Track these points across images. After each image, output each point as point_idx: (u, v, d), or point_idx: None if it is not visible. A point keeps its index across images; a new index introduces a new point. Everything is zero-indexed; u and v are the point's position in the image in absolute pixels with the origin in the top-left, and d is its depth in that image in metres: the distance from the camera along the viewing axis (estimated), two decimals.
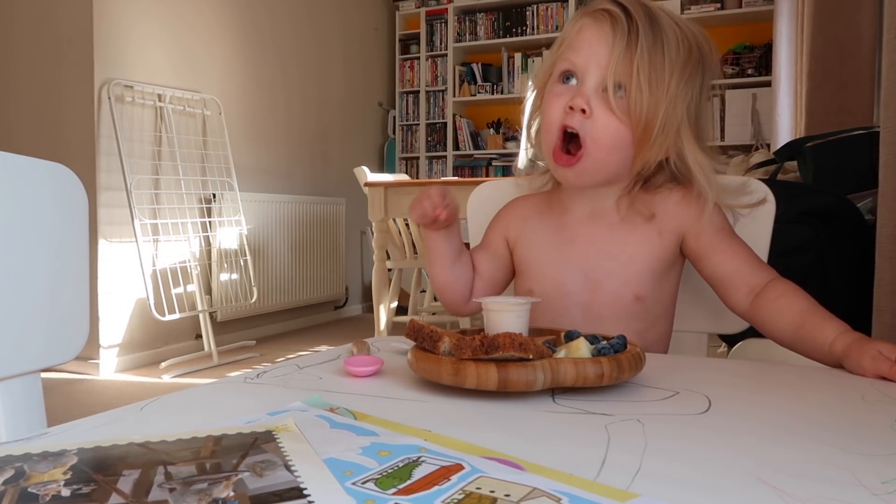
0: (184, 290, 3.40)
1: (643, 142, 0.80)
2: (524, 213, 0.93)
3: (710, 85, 0.85)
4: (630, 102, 0.78)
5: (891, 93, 1.19)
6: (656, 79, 0.78)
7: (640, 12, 0.79)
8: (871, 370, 0.65)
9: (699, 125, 0.84)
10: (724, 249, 0.82)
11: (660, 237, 0.84)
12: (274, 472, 0.38)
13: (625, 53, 0.78)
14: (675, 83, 0.79)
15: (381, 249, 2.99)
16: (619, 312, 0.84)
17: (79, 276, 0.73)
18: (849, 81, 2.65)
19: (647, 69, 0.77)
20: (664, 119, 0.79)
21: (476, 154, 5.25)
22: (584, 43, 0.81)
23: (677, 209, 0.84)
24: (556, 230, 0.88)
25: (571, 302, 0.85)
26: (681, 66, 0.79)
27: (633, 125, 0.79)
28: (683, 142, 0.82)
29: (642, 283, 0.84)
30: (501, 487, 0.36)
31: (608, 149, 0.80)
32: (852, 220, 1.52)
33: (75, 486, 0.36)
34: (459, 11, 5.25)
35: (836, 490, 0.37)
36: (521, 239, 0.91)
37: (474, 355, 0.55)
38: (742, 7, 4.37)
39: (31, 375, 0.68)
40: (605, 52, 0.79)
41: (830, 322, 0.73)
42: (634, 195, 0.85)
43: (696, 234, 0.83)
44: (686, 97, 0.81)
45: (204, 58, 3.67)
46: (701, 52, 0.82)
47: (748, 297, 0.80)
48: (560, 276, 0.86)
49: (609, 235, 0.85)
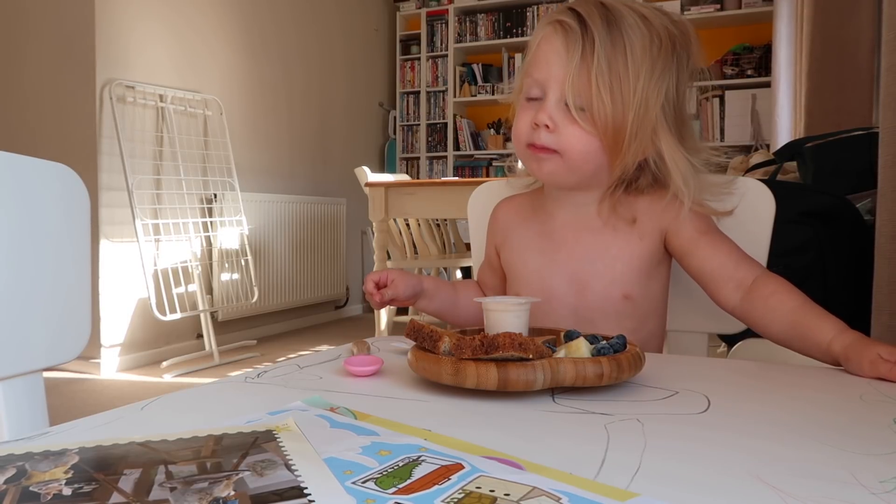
0: (185, 289, 3.40)
1: (616, 148, 0.78)
2: (508, 219, 0.93)
3: (690, 72, 0.82)
4: (594, 115, 0.77)
5: (890, 93, 1.19)
6: (619, 88, 0.76)
7: (596, 19, 0.76)
8: (871, 373, 0.65)
9: (679, 117, 0.82)
10: (706, 245, 0.81)
11: (641, 240, 0.83)
12: (274, 472, 0.38)
13: (580, 68, 0.76)
14: (644, 86, 0.77)
15: (382, 249, 2.99)
16: (608, 312, 0.84)
17: (80, 275, 0.73)
18: (848, 82, 2.65)
19: (606, 80, 0.75)
20: (635, 124, 0.77)
21: (476, 154, 5.25)
22: (542, 58, 0.80)
23: (657, 210, 0.83)
24: (541, 236, 0.88)
25: (560, 305, 0.85)
26: (649, 66, 0.77)
27: (600, 135, 0.78)
28: (661, 141, 0.80)
29: (629, 282, 0.83)
30: (501, 487, 0.36)
31: (578, 156, 0.79)
32: (852, 221, 1.52)
33: (76, 485, 0.37)
34: (460, 12, 5.25)
35: (834, 489, 0.37)
36: (507, 244, 0.91)
37: (474, 355, 0.55)
38: (741, 8, 4.37)
39: (33, 375, 0.69)
40: (561, 68, 0.77)
41: (826, 320, 0.72)
42: (616, 199, 0.84)
43: (676, 233, 0.82)
44: (659, 94, 0.78)
45: (205, 58, 3.67)
46: (673, 41, 0.79)
47: (737, 292, 0.79)
48: (547, 281, 0.86)
49: (593, 239, 0.85)
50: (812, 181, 1.89)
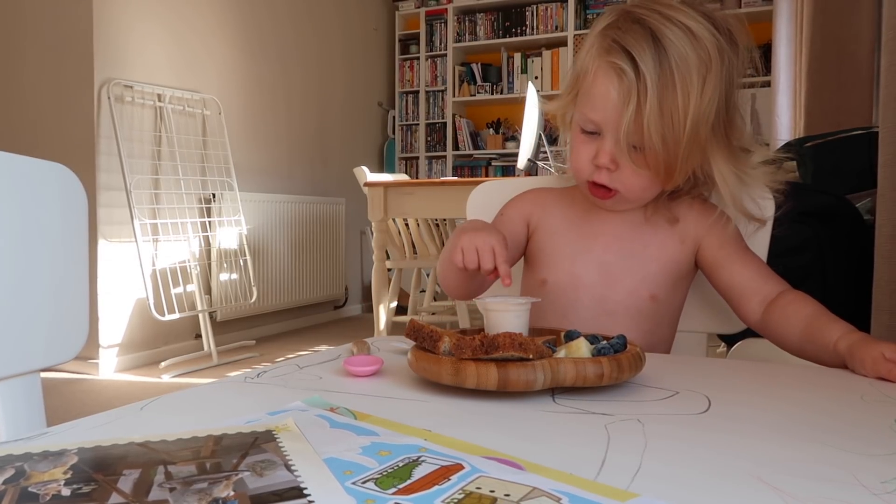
0: (183, 289, 3.39)
1: (669, 174, 0.80)
2: (547, 201, 0.93)
3: (739, 75, 0.81)
4: (646, 156, 0.79)
5: (890, 93, 1.19)
6: (670, 125, 0.76)
7: (647, 57, 0.75)
8: (872, 372, 0.65)
9: (730, 122, 0.82)
10: (739, 260, 0.83)
11: (682, 244, 0.85)
12: (274, 472, 0.38)
13: (636, 116, 0.76)
14: (694, 112, 0.76)
15: (381, 249, 2.99)
16: (631, 310, 0.85)
17: (78, 275, 0.73)
18: (848, 82, 2.65)
19: (658, 123, 0.76)
20: (686, 150, 0.78)
21: (476, 154, 5.25)
22: (598, 99, 0.80)
23: (699, 217, 0.85)
24: (580, 222, 0.89)
25: (586, 295, 0.86)
26: (699, 90, 0.76)
27: (655, 172, 0.80)
28: (711, 155, 0.81)
29: (659, 284, 0.85)
30: (501, 487, 0.36)
31: (638, 190, 0.83)
32: (851, 220, 1.52)
33: (75, 485, 0.36)
34: (459, 11, 5.25)
35: (835, 490, 0.37)
36: (542, 226, 0.91)
37: (474, 355, 0.55)
38: (741, 7, 4.38)
39: (31, 375, 0.68)
40: (616, 115, 0.78)
41: (836, 323, 0.73)
42: (661, 202, 0.87)
43: (714, 244, 0.84)
44: (710, 113, 0.78)
45: (204, 58, 3.67)
46: (721, 54, 0.78)
47: (760, 307, 0.81)
48: (577, 268, 0.87)
49: (632, 234, 0.86)
50: (812, 181, 1.89)
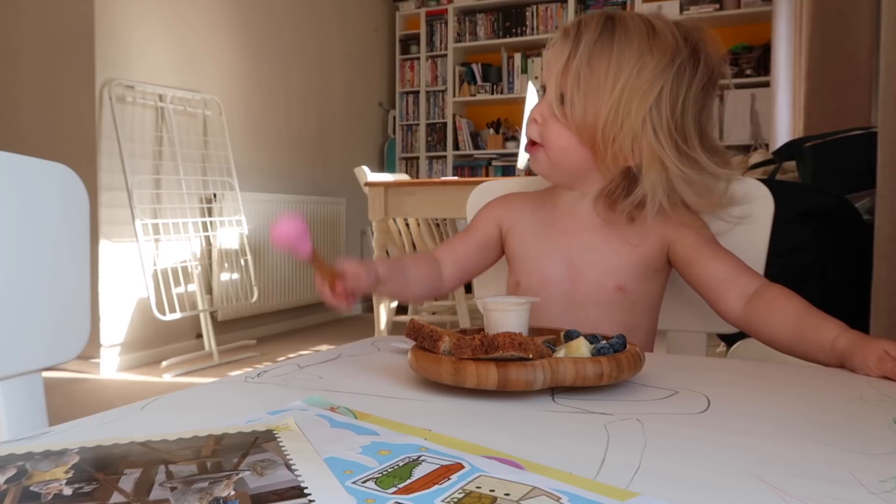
0: (184, 289, 3.40)
1: (594, 148, 0.83)
2: (517, 206, 0.95)
3: (702, 83, 0.83)
4: (572, 113, 0.82)
5: (889, 93, 1.19)
6: (596, 85, 0.80)
7: (592, 25, 0.82)
8: (877, 370, 0.65)
9: (682, 128, 0.81)
10: (711, 254, 0.82)
11: (641, 241, 0.85)
12: (274, 472, 0.38)
13: (566, 64, 0.82)
14: (622, 88, 0.79)
15: (382, 249, 2.99)
16: (601, 301, 0.85)
17: (80, 275, 0.73)
18: (847, 82, 2.65)
19: (583, 78, 0.81)
20: (609, 126, 0.80)
21: (476, 154, 5.25)
22: (545, 60, 0.87)
23: (666, 217, 0.84)
24: (545, 224, 0.91)
25: (555, 292, 0.87)
26: (635, 71, 0.79)
27: (575, 130, 0.83)
28: (644, 150, 0.80)
29: (624, 276, 0.85)
30: (501, 486, 0.36)
31: (557, 149, 0.85)
32: (851, 220, 1.52)
33: (77, 484, 0.37)
34: (459, 12, 5.25)
35: (834, 489, 0.38)
36: (514, 230, 0.93)
37: (474, 355, 0.55)
38: (741, 7, 4.37)
39: (33, 375, 0.69)
40: (552, 68, 0.84)
41: (828, 321, 0.73)
42: (615, 199, 0.85)
43: (686, 242, 0.84)
44: (644, 100, 0.79)
45: (205, 58, 3.67)
46: (675, 51, 0.80)
47: (739, 300, 0.79)
48: (544, 268, 0.88)
49: (594, 231, 0.87)
50: (811, 181, 1.89)
